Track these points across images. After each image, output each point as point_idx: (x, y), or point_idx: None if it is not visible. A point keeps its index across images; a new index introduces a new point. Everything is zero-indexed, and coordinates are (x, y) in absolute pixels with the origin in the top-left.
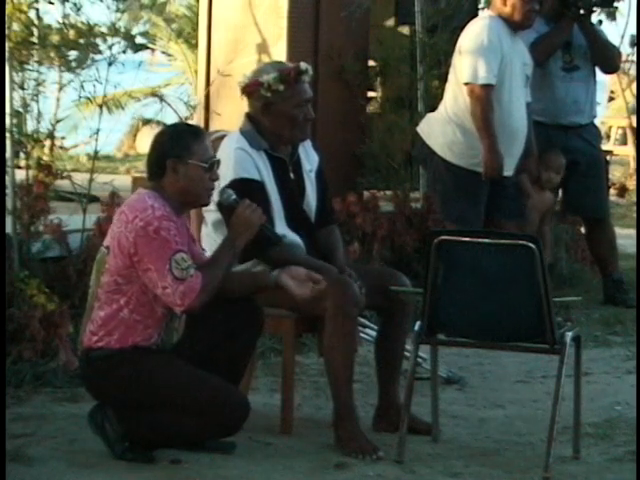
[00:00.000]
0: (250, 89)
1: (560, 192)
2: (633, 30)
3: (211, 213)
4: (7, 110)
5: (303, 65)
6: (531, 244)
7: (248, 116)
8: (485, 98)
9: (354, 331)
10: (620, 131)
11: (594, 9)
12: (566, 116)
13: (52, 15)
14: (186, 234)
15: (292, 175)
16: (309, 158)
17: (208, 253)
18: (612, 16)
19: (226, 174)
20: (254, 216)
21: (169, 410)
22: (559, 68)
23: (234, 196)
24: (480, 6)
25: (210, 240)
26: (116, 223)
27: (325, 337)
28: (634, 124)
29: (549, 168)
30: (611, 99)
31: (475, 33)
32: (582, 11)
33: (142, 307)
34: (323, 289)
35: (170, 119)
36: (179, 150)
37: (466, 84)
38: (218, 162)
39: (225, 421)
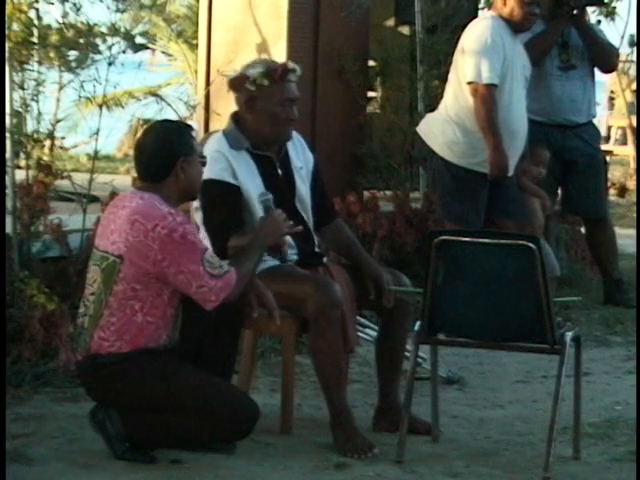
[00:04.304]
0: (236, 82)
1: (559, 192)
2: (633, 30)
3: (198, 211)
4: (7, 110)
5: (291, 64)
6: (531, 244)
7: (233, 115)
8: (489, 98)
9: (338, 332)
10: (620, 131)
11: (586, 8)
12: (563, 115)
13: (52, 15)
14: None
15: (280, 172)
16: (300, 156)
17: None
18: (611, 16)
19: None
20: (284, 225)
21: (179, 414)
22: (555, 67)
23: (271, 202)
24: (480, 6)
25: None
26: (129, 232)
27: (309, 340)
28: (634, 124)
29: (539, 163)
30: (611, 99)
31: (478, 33)
32: (575, 11)
33: (155, 309)
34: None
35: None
36: (187, 148)
37: (469, 83)
38: None
39: (237, 425)
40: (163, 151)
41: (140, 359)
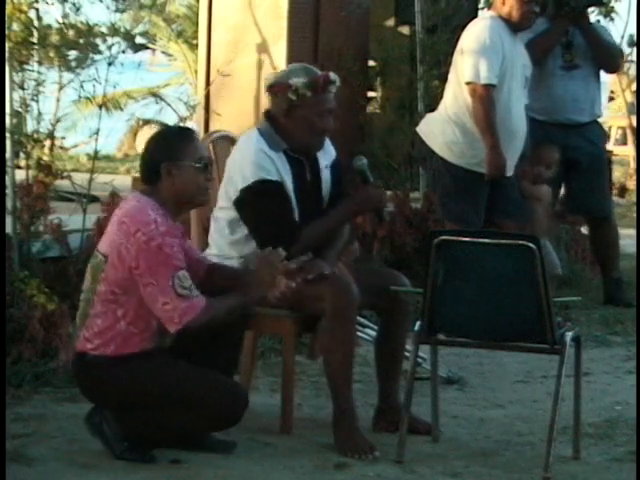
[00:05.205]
0: (277, 89)
1: (562, 191)
2: (633, 30)
3: (225, 211)
4: (7, 110)
5: (332, 76)
6: (531, 244)
7: (267, 115)
8: (487, 98)
9: (352, 332)
10: (620, 131)
11: (587, 8)
12: (565, 114)
13: (52, 15)
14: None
15: (309, 175)
16: (325, 154)
17: (215, 251)
18: (609, 16)
19: (245, 175)
20: (273, 271)
21: (167, 407)
22: (558, 67)
23: (366, 165)
24: (480, 6)
25: (221, 239)
26: (116, 232)
27: (324, 338)
28: (634, 124)
29: (539, 162)
30: (611, 99)
31: (477, 33)
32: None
33: (139, 320)
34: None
35: (170, 119)
36: (171, 153)
37: (468, 83)
38: (211, 161)
39: (224, 413)
40: (148, 155)
41: (124, 361)
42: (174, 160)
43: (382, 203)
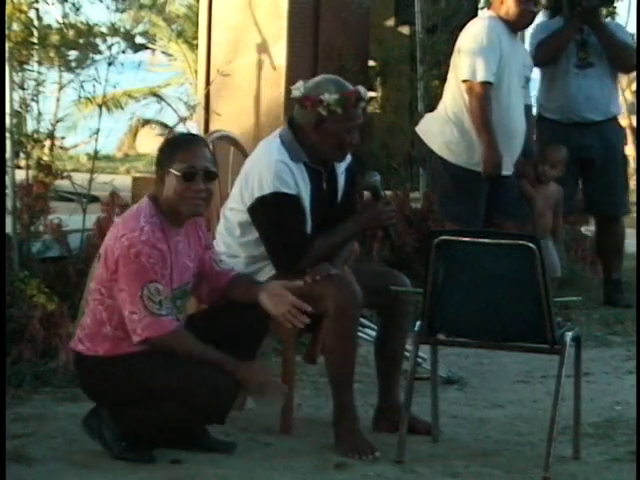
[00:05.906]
0: (307, 102)
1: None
2: (633, 30)
3: (237, 212)
4: (7, 110)
5: (363, 91)
6: (531, 244)
7: (291, 122)
8: (483, 96)
9: (355, 332)
10: None
11: (598, 8)
12: (579, 112)
13: (52, 15)
14: (197, 242)
15: (325, 184)
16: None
17: (223, 249)
18: (611, 16)
19: (263, 184)
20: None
21: (155, 400)
22: (572, 65)
23: (379, 180)
24: (480, 6)
25: (230, 238)
26: (109, 234)
27: (327, 338)
28: (634, 124)
29: (544, 161)
30: None
31: (474, 32)
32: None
33: (123, 325)
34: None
35: (170, 119)
36: (163, 159)
37: (464, 81)
38: (208, 173)
39: (209, 407)
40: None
41: (116, 360)
42: (164, 166)
43: (392, 220)
